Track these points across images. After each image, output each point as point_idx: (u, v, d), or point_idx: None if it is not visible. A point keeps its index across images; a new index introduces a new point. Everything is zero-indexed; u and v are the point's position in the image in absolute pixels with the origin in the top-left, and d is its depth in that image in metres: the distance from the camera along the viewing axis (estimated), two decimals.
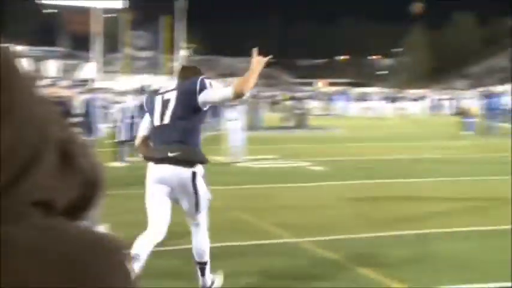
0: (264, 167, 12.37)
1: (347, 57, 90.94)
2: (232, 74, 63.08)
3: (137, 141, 4.39)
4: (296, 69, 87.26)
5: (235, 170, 12.09)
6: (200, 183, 4.13)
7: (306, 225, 6.85)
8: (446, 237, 6.37)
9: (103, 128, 13.64)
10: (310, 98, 44.07)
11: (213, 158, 13.70)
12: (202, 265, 4.30)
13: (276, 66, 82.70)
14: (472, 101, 30.63)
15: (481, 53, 71.93)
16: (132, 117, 13.33)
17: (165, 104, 4.16)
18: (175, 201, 4.18)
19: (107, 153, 11.79)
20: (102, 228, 5.61)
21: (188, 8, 41.36)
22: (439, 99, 40.99)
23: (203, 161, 4.19)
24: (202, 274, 4.31)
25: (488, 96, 22.59)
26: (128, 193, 8.64)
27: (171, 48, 45.73)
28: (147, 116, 4.32)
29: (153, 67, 45.52)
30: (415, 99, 40.83)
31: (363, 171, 11.51)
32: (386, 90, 47.39)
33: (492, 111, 21.07)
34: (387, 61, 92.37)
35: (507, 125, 25.48)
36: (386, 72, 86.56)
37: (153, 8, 46.81)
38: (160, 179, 4.11)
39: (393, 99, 36.59)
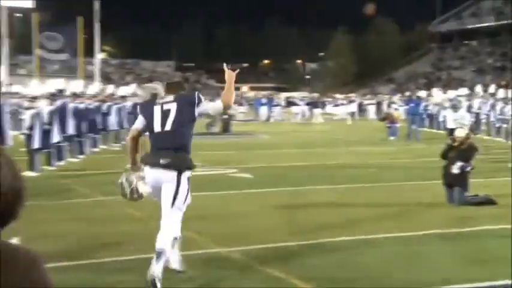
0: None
1: (269, 61, 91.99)
2: (151, 79, 62.55)
3: (131, 134, 5.04)
4: (220, 73, 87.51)
5: None
6: (183, 182, 4.85)
7: (230, 235, 6.86)
8: (371, 245, 6.52)
9: (14, 136, 13.12)
10: (235, 102, 44.37)
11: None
12: (158, 253, 4.82)
13: (199, 70, 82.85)
14: (396, 106, 31.81)
15: (403, 59, 74.76)
16: (47, 123, 12.92)
17: (165, 113, 4.89)
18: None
19: (19, 162, 11.31)
20: (14, 241, 5.38)
21: (105, 9, 40.57)
22: (365, 104, 42.17)
23: (190, 168, 4.94)
24: (157, 261, 4.78)
25: (411, 101, 23.44)
26: (40, 204, 8.36)
27: (87, 51, 44.63)
28: (141, 118, 5.05)
29: (68, 71, 44.25)
30: (340, 104, 41.82)
31: (289, 178, 11.66)
32: (311, 95, 48.20)
33: (415, 117, 21.88)
34: (311, 66, 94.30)
35: (429, 130, 26.68)
36: (310, 77, 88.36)
37: (68, 8, 45.57)
38: (154, 179, 4.91)
39: (319, 105, 37.31)
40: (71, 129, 14.54)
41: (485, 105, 23.61)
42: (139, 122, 5.08)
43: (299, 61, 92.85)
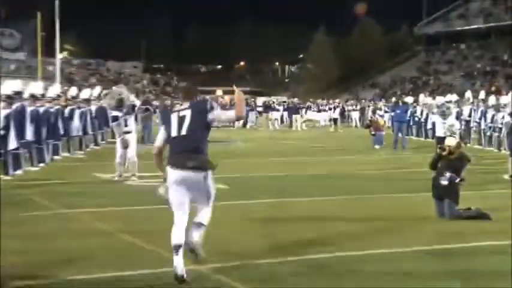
0: (157, 186, 12.17)
1: (244, 63, 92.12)
2: (117, 80, 62.21)
3: (154, 151, 6.03)
4: (194, 76, 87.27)
5: (126, 188, 11.86)
6: (210, 182, 5.86)
7: (205, 251, 6.82)
8: (356, 262, 6.52)
9: None
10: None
11: (98, 175, 13.47)
12: (201, 224, 5.95)
13: (169, 71, 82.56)
14: (381, 112, 32.05)
15: (388, 62, 75.47)
16: (3, 128, 12.72)
17: (181, 119, 5.83)
18: (191, 197, 5.87)
19: None
20: None
21: (66, 5, 40.19)
22: (348, 110, 42.45)
23: (213, 168, 5.86)
24: (197, 230, 5.93)
25: (397, 107, 23.63)
26: None
27: (46, 50, 44.18)
28: (162, 129, 5.97)
29: (25, 71, 43.76)
30: (322, 110, 42.05)
31: (268, 189, 11.65)
32: (290, 99, 48.37)
33: (401, 124, 22.07)
34: (290, 68, 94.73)
35: (417, 139, 26.93)
36: (290, 80, 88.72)
37: (25, 3, 45.02)
38: (181, 180, 5.76)
39: (298, 110, 37.45)
40: (29, 135, 14.34)
41: (475, 113, 23.90)
42: (161, 135, 6.00)
43: (277, 63, 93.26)
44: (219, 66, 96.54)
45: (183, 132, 5.82)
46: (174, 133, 5.85)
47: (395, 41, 78.77)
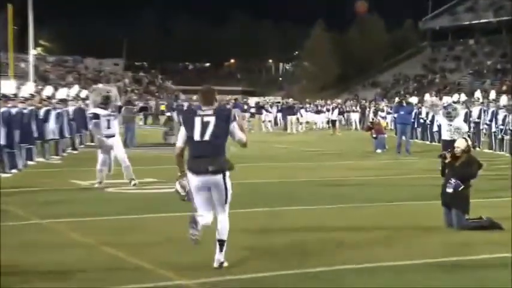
0: (141, 193, 12.20)
1: (235, 61, 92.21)
2: (97, 79, 62.07)
3: (176, 151, 6.72)
4: (179, 75, 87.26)
5: (106, 196, 11.86)
6: (228, 182, 6.68)
7: (194, 264, 6.82)
8: (358, 275, 6.54)
9: None
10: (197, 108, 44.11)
11: (76, 182, 13.45)
12: (222, 242, 6.74)
13: (153, 69, 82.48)
14: (383, 114, 32.16)
15: (391, 59, 75.71)
16: None
17: (205, 125, 6.60)
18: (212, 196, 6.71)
19: None
20: None
21: (42, 1, 40.10)
22: (347, 112, 42.54)
23: (231, 168, 6.70)
24: (221, 250, 6.73)
25: (400, 108, 23.68)
26: None
27: (19, 46, 44.05)
28: (183, 130, 6.69)
29: None
30: (319, 111, 42.12)
31: (262, 197, 11.66)
32: (285, 100, 48.46)
33: (405, 126, 22.14)
34: (284, 66, 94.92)
35: (422, 142, 27.01)
36: (284, 79, 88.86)
37: None
38: (202, 185, 6.64)
39: (294, 111, 37.51)
40: (1, 139, 14.31)
41: (485, 114, 23.98)
42: (182, 136, 6.73)
43: (270, 60, 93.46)
44: (207, 64, 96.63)
45: (206, 137, 6.59)
46: (197, 137, 6.62)
47: (398, 36, 79.10)
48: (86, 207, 10.50)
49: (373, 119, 25.25)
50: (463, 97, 29.65)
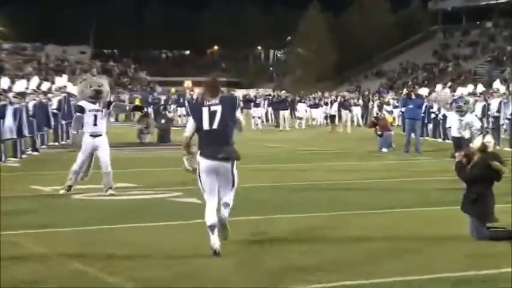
0: (112, 200, 12.17)
1: (219, 48, 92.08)
2: (59, 70, 61.80)
3: (185, 141, 8.07)
4: (155, 64, 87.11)
5: (72, 204, 11.83)
6: (235, 170, 8.00)
7: (176, 280, 6.81)
8: None
9: None
10: (176, 102, 44.18)
11: (37, 187, 13.38)
12: (227, 204, 8.08)
13: (125, 58, 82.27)
14: (389, 107, 32.22)
15: (397, 46, 75.87)
16: None
17: (212, 114, 7.87)
18: (219, 184, 8.00)
19: None
20: None
21: None
22: (347, 105, 42.55)
23: (238, 158, 8.01)
24: (226, 208, 8.09)
25: (409, 101, 23.74)
26: None
27: None
28: (192, 120, 8.02)
29: None
30: (316, 105, 42.17)
31: (251, 203, 11.65)
32: (276, 92, 48.50)
33: (414, 122, 22.18)
34: (275, 54, 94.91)
35: (433, 140, 27.07)
36: (275, 68, 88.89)
37: None
38: (212, 169, 7.90)
39: (287, 105, 37.54)
40: None
41: (506, 107, 24.04)
42: (191, 126, 8.04)
43: (259, 47, 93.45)
44: (187, 52, 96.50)
45: (215, 126, 7.86)
46: (206, 126, 7.89)
47: (405, 18, 79.21)
48: (50, 216, 10.46)
49: (377, 114, 25.31)
50: (480, 88, 29.77)
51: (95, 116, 12.67)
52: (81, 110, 12.71)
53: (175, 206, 11.60)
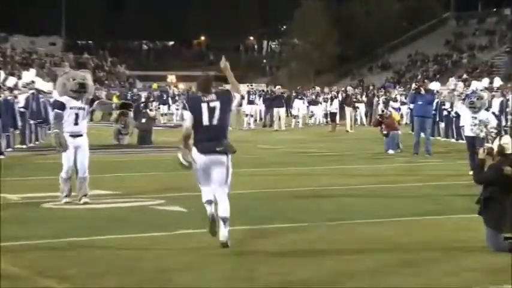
0: (87, 209, 12.20)
1: (206, 38, 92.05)
2: (27, 63, 61.74)
3: (186, 132, 9.06)
4: (134, 57, 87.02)
5: (43, 213, 11.80)
6: (230, 164, 9.09)
7: None
8: None
9: None
10: (159, 99, 44.11)
11: (4, 196, 13.33)
12: (225, 219, 8.93)
13: (101, 50, 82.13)
14: (395, 104, 32.23)
15: (405, 35, 75.98)
16: None
17: (212, 110, 8.99)
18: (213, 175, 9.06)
19: None
20: None
21: None
22: (351, 101, 42.56)
23: (234, 152, 9.14)
24: (225, 226, 8.92)
25: (418, 97, 23.73)
26: None
27: None
28: (190, 115, 9.03)
29: None
30: (314, 102, 42.19)
31: (242, 212, 11.62)
32: (270, 87, 48.44)
33: (424, 120, 22.20)
34: (269, 45, 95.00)
35: (445, 140, 27.11)
36: (268, 61, 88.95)
37: None
38: (209, 163, 8.99)
39: (282, 102, 37.52)
40: None
41: None
42: (189, 121, 9.04)
43: (251, 38, 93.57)
44: (171, 43, 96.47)
45: (215, 122, 8.97)
46: (205, 122, 8.96)
47: (413, 4, 79.27)
48: (18, 228, 10.41)
49: (383, 111, 25.33)
50: (497, 82, 29.83)
51: (76, 115, 12.55)
52: (62, 106, 12.60)
53: (157, 215, 11.57)
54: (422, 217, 11.37)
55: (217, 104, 8.99)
